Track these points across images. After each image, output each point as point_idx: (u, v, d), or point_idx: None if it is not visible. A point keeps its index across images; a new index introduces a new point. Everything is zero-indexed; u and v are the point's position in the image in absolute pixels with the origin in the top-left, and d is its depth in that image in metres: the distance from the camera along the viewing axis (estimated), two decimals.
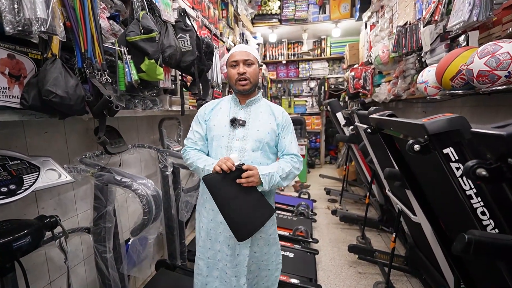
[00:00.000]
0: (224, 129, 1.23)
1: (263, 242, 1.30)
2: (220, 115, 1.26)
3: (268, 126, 1.23)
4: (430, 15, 1.68)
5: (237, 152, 1.19)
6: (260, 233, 1.27)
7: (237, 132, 1.22)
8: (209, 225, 1.28)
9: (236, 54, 1.22)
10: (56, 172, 1.06)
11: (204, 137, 1.29)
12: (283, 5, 4.81)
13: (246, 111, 1.25)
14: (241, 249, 1.24)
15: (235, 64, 1.21)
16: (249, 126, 1.22)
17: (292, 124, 1.31)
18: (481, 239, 0.56)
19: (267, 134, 1.21)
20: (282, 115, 1.27)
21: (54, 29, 0.80)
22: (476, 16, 1.19)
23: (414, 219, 1.40)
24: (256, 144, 1.20)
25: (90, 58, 1.01)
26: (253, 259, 1.30)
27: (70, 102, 0.92)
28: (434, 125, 0.66)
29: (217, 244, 1.26)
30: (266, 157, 1.24)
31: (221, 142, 1.22)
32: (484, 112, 1.69)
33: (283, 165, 1.20)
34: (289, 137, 1.26)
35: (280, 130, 1.25)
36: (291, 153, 1.25)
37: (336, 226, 2.98)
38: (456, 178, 0.69)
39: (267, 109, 1.27)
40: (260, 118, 1.24)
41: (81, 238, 1.41)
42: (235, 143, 1.21)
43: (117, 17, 1.35)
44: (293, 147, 1.27)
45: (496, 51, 1.01)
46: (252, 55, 1.22)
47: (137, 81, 1.27)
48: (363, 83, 3.33)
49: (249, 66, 1.21)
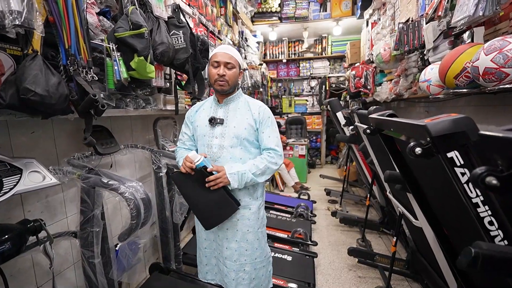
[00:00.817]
0: (205, 129, 1.30)
1: (252, 237, 1.33)
2: (203, 115, 1.34)
3: (245, 122, 1.26)
4: (433, 11, 1.62)
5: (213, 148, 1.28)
6: (247, 227, 1.31)
7: (216, 130, 1.28)
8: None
9: (218, 55, 1.25)
10: (40, 174, 1.02)
11: (191, 138, 1.39)
12: (283, 3, 4.74)
13: (225, 110, 1.30)
14: (229, 243, 1.31)
15: (217, 65, 1.25)
16: (227, 123, 1.27)
17: (272, 118, 1.32)
18: (490, 254, 0.50)
19: (244, 130, 1.25)
20: (259, 110, 1.29)
21: (31, 23, 0.75)
22: (482, 11, 1.13)
23: (415, 223, 1.35)
24: (233, 140, 1.25)
25: (74, 55, 0.96)
26: (245, 257, 1.32)
27: (51, 101, 0.87)
28: (438, 126, 0.61)
29: (210, 234, 1.37)
30: (247, 152, 1.28)
31: (203, 140, 1.31)
32: (489, 112, 1.63)
33: (258, 162, 1.24)
34: (267, 131, 1.28)
35: (258, 125, 1.27)
36: (268, 147, 1.28)
37: (336, 228, 2.92)
38: (461, 184, 0.64)
39: (245, 105, 1.31)
40: (237, 115, 1.28)
41: (70, 242, 1.37)
42: (214, 140, 1.28)
43: (108, 13, 1.30)
44: (271, 141, 1.28)
45: (504, 46, 0.95)
46: (234, 59, 1.26)
47: (127, 79, 1.23)
48: (364, 82, 3.26)
49: (230, 69, 1.25)
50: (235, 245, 1.31)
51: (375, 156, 1.91)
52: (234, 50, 1.29)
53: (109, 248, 1.24)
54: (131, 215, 1.03)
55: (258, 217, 1.35)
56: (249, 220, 1.31)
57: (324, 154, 5.78)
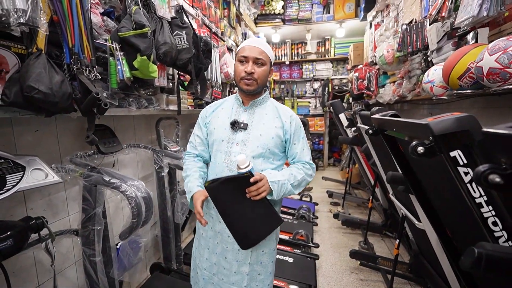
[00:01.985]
0: (224, 133, 1.11)
1: (267, 259, 1.16)
2: (221, 117, 1.15)
3: (272, 131, 1.10)
4: (436, 11, 1.61)
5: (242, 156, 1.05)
6: (263, 247, 1.14)
7: (238, 136, 1.10)
8: (208, 233, 1.18)
9: (247, 49, 1.08)
10: (43, 172, 1.03)
11: (204, 142, 1.19)
12: (287, 5, 4.75)
13: (250, 113, 1.13)
14: (239, 266, 1.12)
15: (244, 60, 1.08)
16: (251, 129, 1.10)
17: (303, 128, 1.17)
18: (494, 254, 0.50)
19: (271, 140, 1.09)
20: (291, 119, 1.13)
21: (35, 21, 0.76)
22: (486, 11, 1.12)
23: (418, 226, 1.33)
24: (257, 150, 1.08)
25: (77, 54, 0.97)
26: (257, 283, 1.15)
27: (55, 99, 0.88)
28: (440, 125, 0.60)
29: (213, 256, 1.16)
30: (270, 164, 1.11)
31: (220, 146, 1.11)
32: (494, 114, 1.61)
33: (295, 172, 1.10)
34: (300, 143, 1.14)
35: (289, 136, 1.12)
36: (303, 161, 1.14)
37: (338, 230, 2.90)
38: (464, 184, 0.63)
39: (273, 112, 1.14)
40: (264, 121, 1.11)
41: (72, 240, 1.37)
42: (235, 147, 1.09)
43: (112, 13, 1.31)
44: (306, 154, 1.15)
45: (509, 47, 0.94)
46: (265, 54, 1.08)
47: (130, 79, 1.23)
48: (368, 84, 3.25)
49: (260, 66, 1.08)
50: (246, 268, 1.11)
51: (378, 158, 1.90)
52: (266, 44, 1.12)
53: (110, 246, 1.24)
54: (132, 214, 1.03)
55: (275, 236, 1.19)
56: (265, 239, 1.12)
57: (327, 156, 5.76)
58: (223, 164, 1.10)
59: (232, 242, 1.11)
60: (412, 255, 2.00)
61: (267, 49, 1.10)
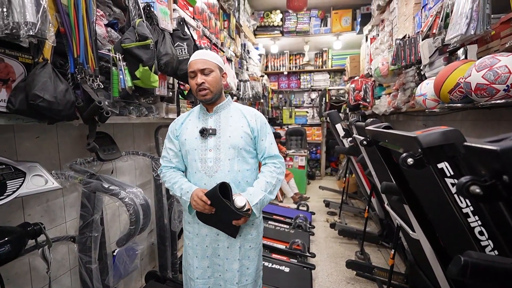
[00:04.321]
0: (196, 142, 1.17)
1: (254, 253, 1.22)
2: (190, 127, 1.21)
3: (240, 130, 1.16)
4: (428, 28, 1.68)
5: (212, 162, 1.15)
6: (250, 242, 1.21)
7: (209, 142, 1.15)
8: (194, 241, 1.22)
9: (192, 64, 1.14)
10: (43, 178, 1.04)
11: (178, 154, 1.23)
12: (285, 18, 4.88)
13: (216, 119, 1.19)
14: (230, 264, 1.18)
15: (193, 75, 1.14)
16: (220, 133, 1.16)
17: (268, 124, 1.24)
18: (478, 262, 0.52)
19: (240, 139, 1.15)
20: (255, 117, 1.20)
21: (44, 34, 0.80)
22: (473, 30, 1.18)
23: (412, 236, 1.35)
24: (230, 151, 1.14)
25: (82, 64, 1.01)
26: (246, 277, 1.20)
27: (59, 107, 0.91)
28: (428, 138, 0.63)
29: (204, 260, 1.20)
30: (244, 163, 1.18)
31: (195, 155, 1.16)
32: (485, 126, 1.66)
33: (269, 178, 1.17)
34: (267, 138, 1.21)
35: (256, 133, 1.18)
36: (272, 155, 1.21)
37: (334, 240, 2.90)
38: (451, 194, 0.66)
39: (238, 113, 1.21)
40: (231, 123, 1.17)
41: (68, 247, 1.37)
42: (209, 154, 1.15)
43: (116, 25, 1.36)
44: (273, 148, 1.22)
45: (494, 64, 0.99)
46: (210, 62, 1.14)
47: (131, 88, 1.27)
48: (364, 95, 3.32)
49: (208, 74, 1.13)
50: (236, 265, 1.17)
51: (373, 168, 1.93)
52: (208, 53, 1.17)
53: (106, 254, 1.25)
54: (130, 221, 1.04)
55: (259, 231, 1.26)
56: (251, 235, 1.20)
57: (324, 165, 5.79)
58: (201, 171, 1.16)
59: (222, 240, 1.18)
60: (407, 265, 2.01)
61: (211, 57, 1.15)
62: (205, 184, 1.15)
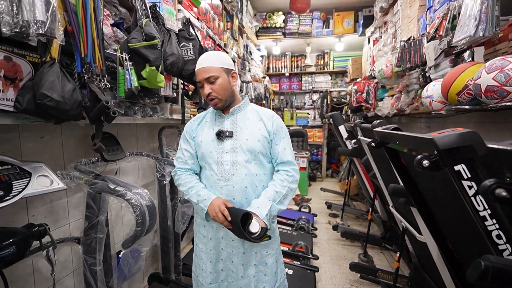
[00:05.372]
0: (212, 144, 1.13)
1: (271, 260, 1.17)
2: (206, 129, 1.17)
3: (258, 133, 1.12)
4: (434, 30, 1.67)
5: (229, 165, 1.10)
6: (266, 248, 1.16)
7: (226, 145, 1.12)
8: (208, 245, 1.17)
9: (197, 74, 1.11)
10: (48, 178, 1.03)
11: (194, 155, 1.20)
12: (287, 19, 4.89)
13: (232, 121, 1.15)
14: (245, 269, 1.14)
15: (201, 86, 1.11)
16: (237, 136, 1.12)
17: (285, 128, 1.20)
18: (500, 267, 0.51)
19: (257, 142, 1.12)
20: (272, 120, 1.16)
21: (53, 32, 0.79)
22: (482, 32, 1.17)
23: (419, 238, 1.34)
24: (247, 155, 1.11)
25: (89, 63, 1.00)
26: (263, 284, 1.16)
27: (66, 107, 0.90)
28: (445, 140, 0.62)
29: (219, 263, 1.16)
30: (261, 167, 1.14)
31: (211, 157, 1.13)
32: (490, 128, 1.65)
33: (279, 187, 1.11)
34: (282, 143, 1.16)
35: (272, 136, 1.15)
36: (285, 161, 1.16)
37: (337, 242, 2.89)
38: (468, 197, 0.65)
39: (255, 115, 1.17)
40: (248, 125, 1.14)
41: (71, 248, 1.36)
42: (225, 156, 1.11)
43: (121, 25, 1.35)
44: (287, 153, 1.16)
45: (505, 66, 0.99)
46: (212, 69, 1.08)
47: (137, 88, 1.26)
48: (366, 97, 3.32)
49: (213, 83, 1.08)
50: (252, 271, 1.13)
51: (378, 170, 1.92)
52: (211, 57, 1.11)
53: (111, 255, 1.23)
54: (136, 222, 1.03)
55: (275, 236, 1.21)
56: (267, 241, 1.14)
57: (325, 167, 5.78)
58: (217, 174, 1.12)
59: (237, 246, 1.14)
60: (412, 268, 1.99)
61: (214, 62, 1.09)
62: (221, 188, 1.11)
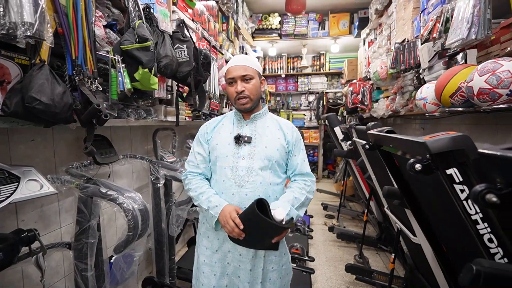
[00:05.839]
0: (228, 148, 1.10)
1: (276, 275, 1.13)
2: (223, 132, 1.14)
3: (277, 142, 1.11)
4: (428, 32, 1.69)
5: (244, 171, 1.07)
6: (272, 264, 1.12)
7: (243, 150, 1.09)
8: (214, 257, 1.13)
9: (232, 70, 1.09)
10: (38, 182, 1.01)
11: (206, 159, 1.16)
12: (283, 21, 4.90)
13: (251, 127, 1.13)
14: (251, 287, 1.10)
15: (232, 81, 1.09)
16: (255, 143, 1.10)
17: (302, 140, 1.20)
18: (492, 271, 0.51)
19: (276, 151, 1.10)
20: (292, 131, 1.16)
21: (41, 34, 0.77)
22: (474, 34, 1.18)
23: (414, 240, 1.34)
24: (264, 162, 1.08)
25: (80, 65, 0.98)
26: None
27: (56, 110, 0.88)
28: (437, 143, 0.62)
29: (224, 278, 1.11)
30: (276, 176, 1.11)
31: (226, 162, 1.09)
32: (483, 130, 1.67)
33: (298, 194, 1.09)
34: (300, 155, 1.16)
35: (291, 147, 1.13)
36: (303, 172, 1.15)
37: (333, 243, 2.89)
38: (460, 201, 0.65)
39: (275, 124, 1.16)
40: (267, 133, 1.12)
41: (62, 254, 1.33)
42: (241, 162, 1.08)
43: (114, 26, 1.34)
44: (306, 165, 1.16)
45: (497, 69, 1.00)
46: (250, 69, 1.08)
47: (130, 90, 1.24)
48: (362, 98, 3.33)
49: (248, 81, 1.07)
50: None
51: (373, 172, 1.92)
52: (248, 58, 1.11)
53: (103, 260, 1.21)
54: (128, 226, 1.01)
55: (283, 251, 1.16)
56: (275, 256, 1.12)
57: (321, 168, 5.79)
58: (231, 180, 1.08)
59: (244, 261, 1.09)
60: (407, 269, 2.00)
61: (251, 63, 1.10)
62: (233, 194, 1.07)
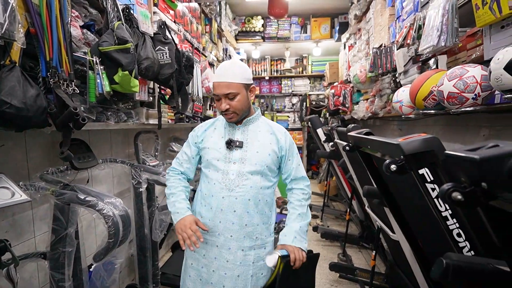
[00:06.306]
0: (220, 152, 1.11)
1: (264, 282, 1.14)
2: (215, 136, 1.15)
3: (268, 147, 1.12)
4: (402, 38, 1.77)
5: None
6: (262, 270, 1.13)
7: (234, 155, 1.10)
8: (200, 262, 1.13)
9: (216, 87, 1.08)
10: (9, 190, 0.95)
11: (191, 160, 1.20)
12: (266, 24, 4.95)
13: (243, 131, 1.14)
14: None
15: (218, 99, 1.09)
16: (247, 147, 1.11)
17: (295, 145, 1.22)
18: (459, 264, 0.54)
19: (267, 156, 1.11)
20: (285, 135, 1.17)
21: (12, 35, 0.74)
22: (444, 42, 1.26)
23: (393, 237, 1.40)
24: (255, 167, 1.09)
25: (55, 67, 0.94)
26: None
27: (28, 114, 0.84)
28: (410, 145, 0.66)
29: (208, 286, 1.11)
30: (267, 181, 1.13)
31: (217, 166, 1.11)
32: (454, 130, 1.77)
33: (300, 209, 1.17)
34: (295, 159, 1.18)
35: (284, 152, 1.15)
36: (299, 177, 1.19)
37: (317, 242, 2.94)
38: (432, 198, 0.69)
39: (267, 128, 1.16)
40: (259, 138, 1.13)
41: (37, 264, 1.26)
42: (232, 166, 1.09)
43: (92, 27, 1.30)
44: (301, 170, 1.20)
45: (463, 74, 1.07)
46: (234, 84, 1.05)
47: (109, 93, 1.21)
48: (343, 100, 3.43)
49: (232, 99, 1.06)
50: None
51: (354, 172, 1.98)
52: (233, 71, 1.07)
53: (81, 269, 1.16)
54: (108, 233, 0.98)
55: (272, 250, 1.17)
56: (264, 261, 1.11)
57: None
58: (221, 183, 1.10)
59: (230, 268, 1.08)
60: (387, 265, 2.08)
61: (235, 76, 1.06)
62: (223, 198, 1.09)
